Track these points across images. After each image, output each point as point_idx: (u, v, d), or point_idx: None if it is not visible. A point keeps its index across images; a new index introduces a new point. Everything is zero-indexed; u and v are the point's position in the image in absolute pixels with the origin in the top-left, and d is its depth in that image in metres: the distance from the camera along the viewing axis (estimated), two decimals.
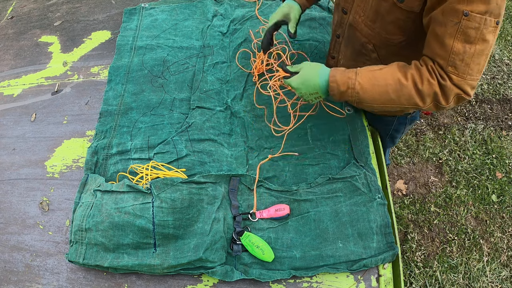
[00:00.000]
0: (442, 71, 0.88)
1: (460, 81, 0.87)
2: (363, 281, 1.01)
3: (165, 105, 1.34)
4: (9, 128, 1.35)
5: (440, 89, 0.89)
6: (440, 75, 0.89)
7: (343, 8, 1.10)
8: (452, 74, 0.87)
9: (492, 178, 2.24)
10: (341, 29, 1.17)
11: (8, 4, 1.89)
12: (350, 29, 1.11)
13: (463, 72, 0.86)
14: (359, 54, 1.14)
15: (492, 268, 1.94)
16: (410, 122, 1.38)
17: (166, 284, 1.02)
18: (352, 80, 0.96)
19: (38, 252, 1.08)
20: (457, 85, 0.88)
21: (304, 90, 1.04)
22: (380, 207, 1.09)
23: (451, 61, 0.86)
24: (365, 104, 1.00)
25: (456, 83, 0.87)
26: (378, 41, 1.05)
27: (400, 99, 0.93)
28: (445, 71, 0.88)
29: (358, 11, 1.05)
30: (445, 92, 0.89)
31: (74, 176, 1.21)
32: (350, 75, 0.97)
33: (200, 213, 1.03)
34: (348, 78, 0.97)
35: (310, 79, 1.02)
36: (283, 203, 1.11)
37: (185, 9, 1.67)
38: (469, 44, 0.83)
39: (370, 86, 0.95)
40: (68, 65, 1.52)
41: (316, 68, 1.02)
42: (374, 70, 0.97)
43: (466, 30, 0.82)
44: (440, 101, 0.91)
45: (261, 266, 1.02)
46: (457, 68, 0.86)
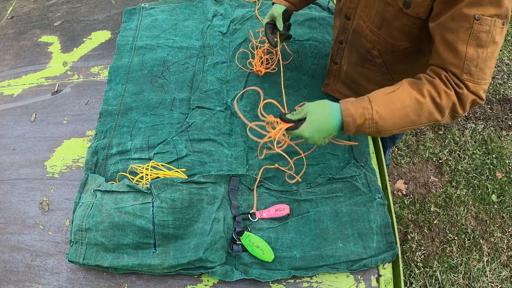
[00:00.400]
0: (458, 80, 0.85)
1: (475, 87, 0.85)
2: (363, 281, 1.01)
3: (165, 105, 1.34)
4: (9, 128, 1.35)
5: (458, 99, 0.86)
6: (456, 84, 0.86)
7: (346, 14, 1.09)
8: (467, 81, 0.84)
9: (492, 178, 2.24)
10: (344, 35, 1.15)
11: (8, 4, 1.89)
12: (354, 35, 1.10)
13: (478, 77, 0.84)
14: (364, 60, 1.13)
15: (492, 268, 1.94)
16: None
17: (166, 284, 1.02)
18: (369, 110, 0.87)
19: (38, 252, 1.08)
20: (473, 91, 0.85)
21: (317, 137, 0.92)
22: (380, 207, 1.09)
23: (466, 68, 0.83)
24: (384, 132, 0.91)
25: (472, 90, 0.85)
26: (383, 46, 1.04)
27: (421, 118, 0.88)
28: (460, 79, 0.85)
29: (362, 16, 1.04)
30: (462, 101, 0.86)
31: (74, 176, 1.21)
32: (365, 104, 0.88)
33: (200, 213, 1.03)
34: (363, 109, 0.87)
35: (323, 124, 0.90)
36: (283, 203, 1.11)
37: (185, 9, 1.67)
38: (481, 48, 0.82)
39: (389, 112, 0.87)
40: (68, 65, 1.52)
41: (325, 109, 0.91)
42: (388, 93, 0.89)
43: (478, 34, 0.80)
44: (458, 111, 0.88)
45: (261, 266, 1.02)
46: (472, 75, 0.84)
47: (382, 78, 1.14)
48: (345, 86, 1.27)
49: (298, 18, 1.60)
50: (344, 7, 1.09)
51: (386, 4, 0.94)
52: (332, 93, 1.33)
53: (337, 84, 1.29)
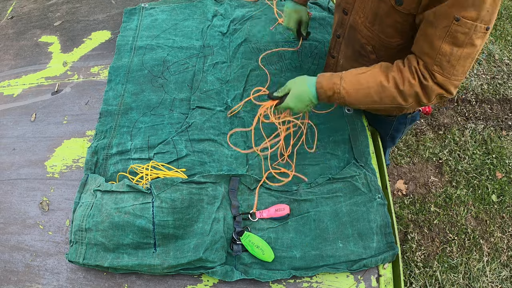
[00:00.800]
0: (426, 71, 0.91)
1: (444, 81, 0.89)
2: (363, 281, 1.01)
3: (165, 105, 1.34)
4: (9, 128, 1.35)
5: (422, 89, 0.92)
6: (422, 75, 0.91)
7: (344, 9, 1.11)
8: (437, 73, 0.89)
9: (492, 178, 2.24)
10: (341, 29, 1.17)
11: (8, 4, 1.89)
12: (351, 30, 1.12)
13: (448, 72, 0.88)
14: (359, 55, 1.14)
15: (492, 268, 1.94)
16: (410, 122, 1.38)
17: (166, 284, 1.02)
18: (337, 85, 1.00)
19: (38, 252, 1.08)
20: (440, 84, 0.90)
21: (300, 106, 1.07)
22: (380, 207, 1.09)
23: (437, 61, 0.88)
24: (351, 106, 1.06)
25: (440, 82, 0.90)
26: (377, 43, 1.06)
27: (383, 100, 0.97)
28: (430, 70, 0.90)
29: (358, 12, 1.06)
30: (427, 92, 0.92)
31: (74, 176, 1.21)
32: (335, 80, 1.01)
33: (200, 213, 1.03)
34: (333, 84, 1.01)
35: (302, 94, 1.05)
36: (283, 203, 1.11)
37: (185, 9, 1.67)
38: (457, 47, 0.85)
39: (354, 90, 0.99)
40: (68, 65, 1.52)
41: (304, 81, 1.06)
42: (358, 74, 1.00)
43: (455, 34, 0.83)
44: (422, 100, 0.94)
45: (261, 266, 1.02)
46: (443, 68, 0.88)
47: None
48: None
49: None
50: (342, 2, 1.11)
51: (379, 0, 0.96)
52: None
53: None
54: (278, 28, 1.57)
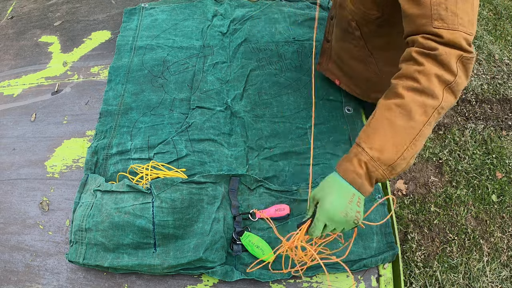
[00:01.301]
0: (427, 39, 0.75)
1: (453, 35, 0.73)
2: (363, 281, 1.01)
3: (165, 105, 1.34)
4: (9, 128, 1.35)
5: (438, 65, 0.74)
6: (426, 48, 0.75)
7: None
8: (441, 29, 0.74)
9: (492, 178, 2.24)
10: (334, 10, 1.19)
11: (8, 4, 1.89)
12: (340, 9, 1.13)
13: (452, 22, 0.73)
14: (346, 33, 1.15)
15: (492, 268, 1.94)
16: None
17: (166, 284, 1.02)
18: (361, 152, 0.77)
19: (38, 252, 1.08)
20: (450, 41, 0.74)
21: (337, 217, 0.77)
22: (380, 207, 1.09)
23: (435, 13, 0.74)
24: (398, 162, 0.75)
25: (449, 39, 0.74)
26: (359, 17, 1.06)
27: (415, 118, 0.74)
28: (432, 32, 0.75)
29: None
30: (444, 63, 0.74)
31: (74, 176, 1.21)
32: (355, 150, 0.78)
33: (200, 213, 1.03)
34: (355, 155, 0.78)
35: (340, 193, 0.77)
36: (283, 203, 1.11)
37: (185, 9, 1.67)
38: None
39: (380, 140, 0.75)
40: (68, 65, 1.52)
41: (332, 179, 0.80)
42: (368, 124, 0.79)
43: None
44: (446, 78, 0.74)
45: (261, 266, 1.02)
46: (444, 19, 0.74)
47: (362, 53, 1.15)
48: (335, 65, 1.29)
49: (298, 18, 1.60)
50: None
51: None
52: (324, 72, 1.35)
53: (329, 64, 1.31)
54: (278, 28, 1.58)
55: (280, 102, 1.34)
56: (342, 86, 1.31)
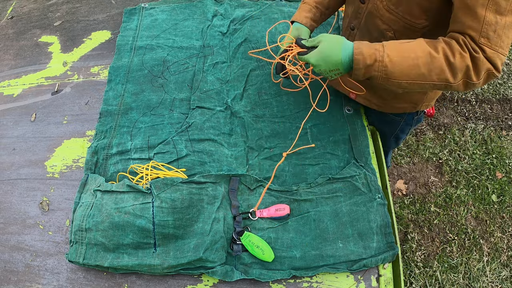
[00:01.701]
0: (474, 44, 0.85)
1: (493, 54, 0.85)
2: (363, 281, 1.01)
3: (165, 105, 1.34)
4: (9, 128, 1.35)
5: (472, 63, 0.86)
6: (472, 48, 0.86)
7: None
8: (485, 46, 0.84)
9: (492, 178, 2.24)
10: (356, 20, 1.13)
11: (8, 4, 1.89)
12: (369, 18, 1.08)
13: (495, 44, 0.84)
14: None
15: (492, 268, 1.94)
16: (416, 123, 1.37)
17: (166, 284, 1.02)
18: (380, 52, 0.89)
19: (38, 252, 1.08)
20: (489, 58, 0.85)
21: (324, 67, 0.96)
22: (380, 207, 1.09)
23: (484, 32, 0.84)
24: (392, 80, 0.91)
25: (489, 56, 0.85)
26: (400, 26, 1.01)
27: (431, 73, 0.88)
28: (477, 43, 0.85)
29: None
30: (477, 66, 0.86)
31: (74, 176, 1.21)
32: (377, 47, 0.91)
33: (200, 213, 1.03)
34: (375, 50, 0.90)
35: (331, 55, 0.94)
36: (283, 203, 1.11)
37: (185, 9, 1.67)
38: (500, 16, 0.82)
39: (399, 58, 0.89)
40: (68, 65, 1.52)
41: (338, 42, 0.94)
42: (402, 43, 0.91)
43: (497, 0, 0.81)
44: (471, 77, 0.87)
45: (261, 266, 1.02)
46: (490, 40, 0.84)
47: None
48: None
49: None
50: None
51: None
52: (335, 86, 1.30)
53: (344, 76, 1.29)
54: (278, 28, 1.58)
55: (280, 102, 1.34)
56: (359, 99, 1.28)
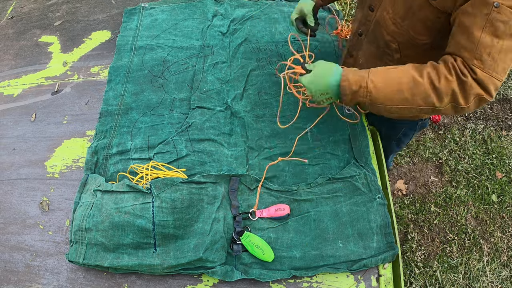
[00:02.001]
0: (465, 67, 0.84)
1: (485, 77, 0.82)
2: (363, 281, 1.01)
3: (165, 105, 1.34)
4: (9, 128, 1.35)
5: (460, 87, 0.85)
6: (461, 72, 0.84)
7: (371, 5, 1.07)
8: (477, 68, 0.82)
9: (492, 178, 2.24)
10: (364, 27, 1.14)
11: (8, 4, 1.89)
12: (376, 27, 1.08)
13: (489, 67, 0.82)
14: (382, 54, 1.11)
15: (492, 268, 1.94)
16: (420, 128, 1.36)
17: (166, 284, 1.02)
18: (365, 78, 0.92)
19: (38, 252, 1.08)
20: (480, 81, 0.83)
21: (314, 89, 1.00)
22: (380, 207, 1.09)
23: (478, 53, 0.82)
24: (378, 106, 0.94)
25: (480, 79, 0.83)
26: (404, 39, 1.02)
27: (415, 98, 0.88)
28: (469, 65, 0.83)
29: (386, 7, 1.02)
30: (465, 90, 0.84)
31: (74, 176, 1.21)
32: (363, 73, 0.94)
33: (200, 213, 1.03)
34: (360, 77, 0.93)
35: (321, 78, 0.98)
36: (283, 203, 1.11)
37: (185, 9, 1.67)
38: (497, 38, 0.80)
39: (383, 84, 0.90)
40: (68, 65, 1.52)
41: (329, 68, 0.98)
42: (387, 69, 0.93)
43: (495, 22, 0.79)
44: (459, 101, 0.86)
45: (261, 266, 1.02)
46: (483, 62, 0.82)
47: None
48: None
49: None
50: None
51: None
52: None
53: None
54: (278, 28, 1.58)
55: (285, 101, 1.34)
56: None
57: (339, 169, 1.18)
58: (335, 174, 1.15)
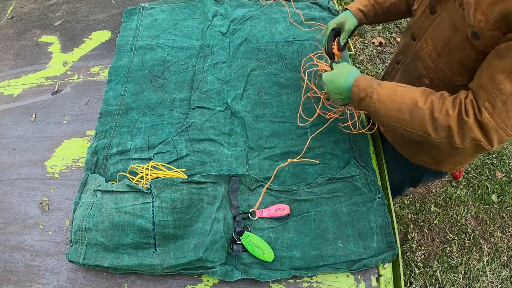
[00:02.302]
0: (472, 107, 0.80)
1: (490, 123, 0.79)
2: (363, 281, 1.01)
3: (165, 105, 1.34)
4: (9, 128, 1.35)
5: (458, 125, 0.82)
6: (465, 109, 0.81)
7: (414, 33, 1.03)
8: (486, 110, 0.79)
9: (492, 178, 2.24)
10: (403, 56, 1.11)
11: (8, 4, 1.89)
12: (414, 58, 1.05)
13: (498, 115, 0.78)
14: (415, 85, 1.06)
15: (492, 268, 1.94)
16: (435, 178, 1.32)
17: (166, 284, 1.02)
18: (372, 89, 0.94)
19: (38, 252, 1.09)
20: (484, 125, 0.79)
21: (331, 87, 1.04)
22: (380, 207, 1.09)
23: (492, 97, 0.78)
24: (380, 118, 0.95)
25: (484, 122, 0.79)
26: (437, 77, 0.98)
27: (413, 121, 0.88)
28: (479, 105, 0.80)
29: (427, 39, 0.98)
30: (463, 130, 0.81)
31: (74, 176, 1.21)
32: (373, 84, 0.95)
33: (200, 213, 1.03)
34: (369, 87, 0.94)
35: (338, 78, 1.01)
36: (283, 203, 1.11)
37: (185, 9, 1.67)
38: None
39: (387, 99, 0.91)
40: (68, 65, 1.52)
41: (348, 71, 1.01)
42: (397, 86, 0.93)
43: None
44: (454, 138, 0.83)
45: (261, 266, 1.02)
46: (494, 108, 0.78)
47: None
48: None
49: (298, 18, 1.60)
50: (414, 26, 1.03)
51: (454, 29, 0.88)
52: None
53: None
54: (278, 28, 1.58)
55: (280, 102, 1.34)
56: (386, 135, 1.26)
57: (339, 169, 1.18)
58: (335, 174, 1.15)
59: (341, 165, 1.19)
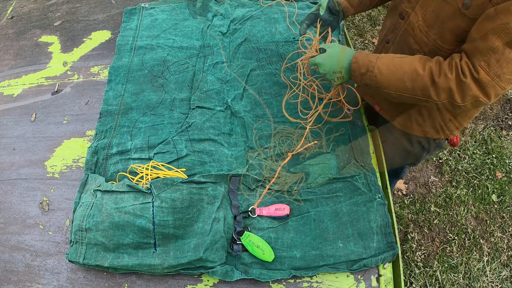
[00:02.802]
0: (467, 67, 0.86)
1: (487, 80, 0.85)
2: (363, 281, 1.01)
3: (165, 105, 1.34)
4: (9, 128, 1.35)
5: (457, 85, 0.87)
6: (462, 71, 0.86)
7: (402, 12, 1.07)
8: (482, 69, 0.84)
9: (492, 178, 2.24)
10: (392, 34, 1.14)
11: (8, 4, 1.89)
12: (404, 35, 1.08)
13: (494, 72, 0.84)
14: None
15: (492, 268, 1.94)
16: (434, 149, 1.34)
17: (166, 284, 1.02)
18: (372, 63, 0.98)
19: (38, 252, 1.08)
20: (481, 82, 0.85)
21: (328, 67, 1.05)
22: (380, 207, 1.09)
23: (486, 56, 0.84)
24: (382, 90, 1.00)
25: (481, 80, 0.85)
26: (430, 49, 1.02)
27: (415, 88, 0.93)
28: (475, 65, 0.85)
29: (417, 15, 1.02)
30: (462, 90, 0.87)
31: (74, 176, 1.21)
32: (372, 58, 0.99)
33: (200, 213, 1.03)
34: (369, 61, 0.98)
35: (335, 56, 1.03)
36: (283, 203, 1.11)
37: (185, 9, 1.67)
38: (509, 49, 0.81)
39: (388, 71, 0.96)
40: (68, 65, 1.52)
41: (344, 49, 1.04)
42: (395, 57, 0.97)
43: (511, 33, 0.80)
44: (455, 99, 0.89)
45: (261, 266, 1.02)
46: (490, 66, 0.84)
47: None
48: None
49: (298, 18, 1.60)
50: (400, 5, 1.07)
51: (444, 2, 0.93)
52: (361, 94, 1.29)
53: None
54: (278, 28, 1.58)
55: (280, 102, 1.34)
56: (383, 113, 1.28)
57: (339, 169, 1.18)
58: (335, 174, 1.15)
59: (341, 165, 1.19)
